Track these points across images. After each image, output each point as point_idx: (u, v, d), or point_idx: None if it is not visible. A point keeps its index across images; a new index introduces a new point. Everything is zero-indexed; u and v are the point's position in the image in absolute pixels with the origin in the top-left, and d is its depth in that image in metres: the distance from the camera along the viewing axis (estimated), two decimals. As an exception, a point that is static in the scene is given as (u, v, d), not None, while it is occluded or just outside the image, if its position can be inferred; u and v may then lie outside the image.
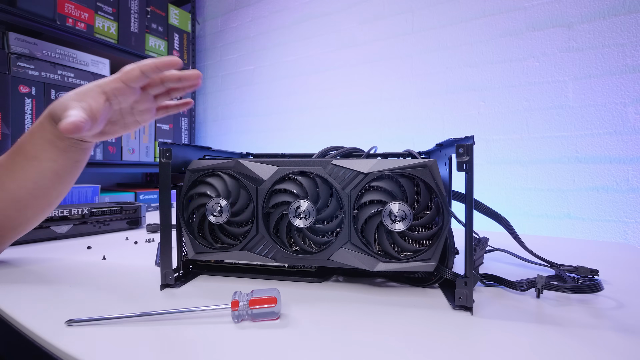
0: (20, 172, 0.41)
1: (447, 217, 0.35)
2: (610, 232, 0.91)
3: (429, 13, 1.18)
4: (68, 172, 0.44)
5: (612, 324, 0.30)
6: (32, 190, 0.42)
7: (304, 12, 1.47)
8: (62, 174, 0.43)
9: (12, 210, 0.43)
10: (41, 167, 0.41)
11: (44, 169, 0.42)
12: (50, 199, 0.45)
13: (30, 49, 1.16)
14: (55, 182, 0.43)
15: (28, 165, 0.41)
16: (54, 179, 0.43)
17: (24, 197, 0.42)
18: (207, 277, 0.44)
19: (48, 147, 0.41)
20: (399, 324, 0.30)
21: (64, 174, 0.43)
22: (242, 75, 1.67)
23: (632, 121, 0.88)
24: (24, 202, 0.43)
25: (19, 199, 0.42)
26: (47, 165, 0.42)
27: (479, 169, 1.08)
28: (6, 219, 0.43)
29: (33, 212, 0.45)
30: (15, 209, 0.43)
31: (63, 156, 0.42)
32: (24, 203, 0.43)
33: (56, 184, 0.43)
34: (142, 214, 0.80)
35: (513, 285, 0.38)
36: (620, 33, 0.90)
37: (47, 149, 0.41)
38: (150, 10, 1.55)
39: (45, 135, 0.41)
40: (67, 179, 0.44)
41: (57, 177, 0.43)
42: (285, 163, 0.39)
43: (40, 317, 0.31)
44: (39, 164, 0.41)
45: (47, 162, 0.41)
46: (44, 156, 0.41)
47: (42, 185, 0.42)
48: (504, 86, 1.05)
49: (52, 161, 0.42)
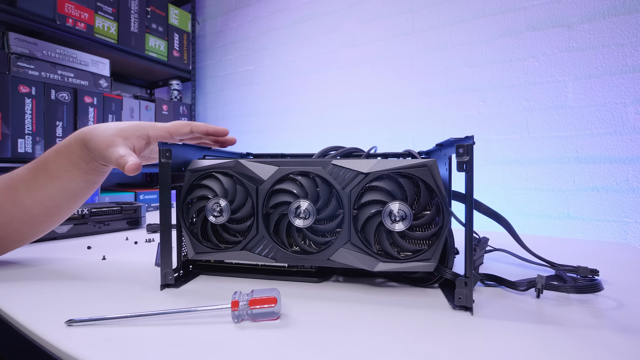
0: (39, 189, 0.42)
1: (447, 217, 0.35)
2: (610, 232, 0.91)
3: (429, 13, 1.18)
4: (84, 192, 0.45)
5: (612, 324, 0.30)
6: (47, 208, 0.43)
7: (304, 12, 1.47)
8: (79, 194, 0.44)
9: (23, 225, 0.43)
10: (61, 186, 0.42)
11: (63, 189, 0.42)
12: (61, 216, 0.46)
13: (30, 49, 1.16)
14: (70, 202, 0.44)
15: (49, 183, 0.42)
16: (70, 198, 0.44)
17: (38, 214, 0.43)
18: (207, 277, 0.44)
19: (72, 168, 0.42)
20: (399, 324, 0.30)
21: (81, 194, 0.45)
22: (242, 75, 1.67)
23: (632, 121, 0.88)
24: (37, 219, 0.43)
25: (33, 215, 0.43)
26: (67, 185, 0.42)
27: (479, 169, 1.08)
28: (17, 232, 0.44)
29: (43, 227, 0.46)
30: (27, 224, 0.43)
31: (84, 178, 0.43)
32: (37, 219, 0.44)
33: (70, 203, 0.44)
34: (142, 214, 0.80)
35: (513, 285, 0.38)
36: (620, 33, 0.90)
37: (70, 170, 0.42)
38: (150, 10, 1.55)
39: (71, 157, 0.42)
40: (81, 197, 0.45)
41: (74, 197, 0.44)
42: (285, 163, 0.39)
43: (40, 317, 0.31)
44: (60, 183, 0.42)
45: (67, 182, 0.42)
46: (66, 176, 0.42)
47: (58, 203, 0.43)
48: (504, 86, 1.05)
49: (72, 182, 0.43)
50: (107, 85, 1.40)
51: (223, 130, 0.46)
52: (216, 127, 0.45)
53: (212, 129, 0.45)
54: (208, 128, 0.45)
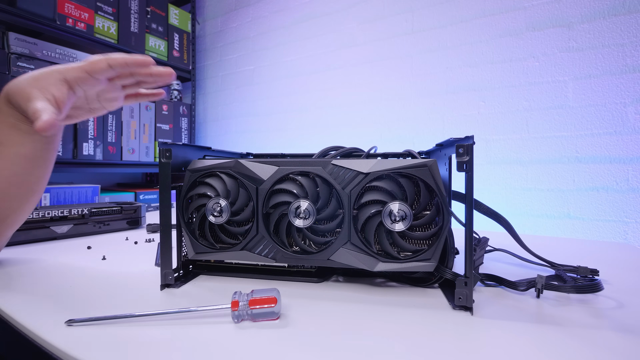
0: None
1: (447, 217, 0.35)
2: (610, 232, 0.91)
3: (429, 13, 1.18)
4: (40, 155, 0.42)
5: (612, 324, 0.30)
6: (7, 178, 0.41)
7: (304, 12, 1.47)
8: (34, 158, 0.42)
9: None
10: (9, 153, 0.40)
11: (13, 155, 0.40)
12: (30, 185, 0.43)
13: (30, 49, 1.16)
14: (28, 167, 0.42)
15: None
16: (26, 164, 0.41)
17: (0, 186, 0.41)
18: (207, 277, 0.44)
19: (12, 131, 0.40)
20: (399, 323, 0.30)
21: (36, 158, 0.42)
22: (242, 75, 1.67)
23: (632, 121, 0.88)
24: (2, 192, 0.41)
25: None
26: (15, 150, 0.40)
27: (479, 169, 1.08)
28: None
29: (17, 202, 0.43)
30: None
31: (29, 139, 0.41)
32: (4, 193, 0.41)
33: (31, 169, 0.42)
34: (142, 214, 0.80)
35: (513, 285, 0.38)
36: (620, 33, 0.90)
37: (10, 133, 0.40)
38: (150, 10, 1.55)
39: (6, 119, 0.39)
40: (40, 162, 0.43)
41: (30, 162, 0.42)
42: (285, 163, 0.39)
43: (40, 317, 0.31)
44: (6, 150, 0.40)
45: (14, 147, 0.40)
46: (9, 141, 0.40)
47: (15, 172, 0.41)
48: (504, 86, 1.05)
49: (19, 145, 0.40)
50: (107, 85, 1.40)
51: (145, 60, 0.41)
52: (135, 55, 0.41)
53: (131, 59, 0.41)
54: (126, 59, 0.41)
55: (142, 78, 0.44)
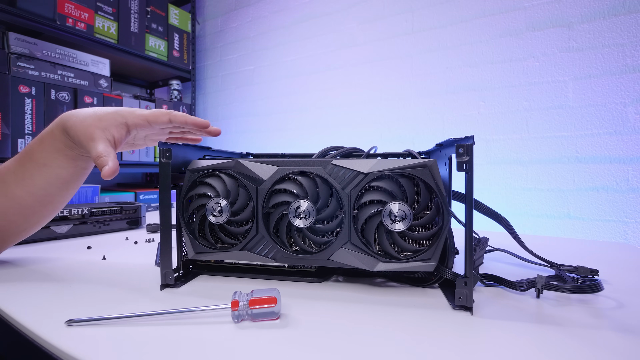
0: (28, 179, 0.42)
1: (447, 217, 0.35)
2: (610, 232, 0.91)
3: (429, 13, 1.18)
4: (75, 179, 0.45)
5: (612, 324, 0.30)
6: (39, 197, 0.43)
7: (304, 12, 1.47)
8: (69, 181, 0.44)
9: (17, 216, 0.43)
10: (50, 174, 0.42)
11: (52, 176, 0.42)
12: (55, 205, 0.45)
13: (30, 49, 1.16)
14: (62, 189, 0.44)
15: (37, 172, 0.42)
16: (61, 186, 0.43)
17: (30, 204, 0.43)
18: (207, 277, 0.44)
19: (58, 155, 0.42)
20: (399, 323, 0.30)
21: (71, 181, 0.44)
22: (242, 75, 1.67)
23: (632, 121, 0.88)
24: (30, 209, 0.43)
25: (26, 205, 0.43)
26: (56, 172, 0.42)
27: (479, 169, 1.08)
28: (11, 224, 0.44)
29: (38, 218, 0.45)
30: (21, 215, 0.43)
31: (72, 164, 0.43)
32: (31, 210, 0.43)
33: (63, 191, 0.44)
34: (142, 214, 0.80)
35: (513, 285, 0.38)
36: (620, 33, 0.90)
37: (56, 157, 0.42)
38: (150, 10, 1.55)
39: (55, 144, 0.41)
40: (73, 185, 0.45)
41: (64, 184, 0.44)
42: (285, 163, 0.39)
43: (40, 317, 0.31)
44: (48, 171, 0.42)
45: (55, 170, 0.42)
46: (53, 164, 0.42)
47: (49, 192, 0.43)
48: (504, 86, 1.05)
49: (60, 169, 0.42)
50: (107, 85, 1.40)
51: (203, 123, 0.45)
52: (196, 118, 0.44)
53: (192, 121, 0.44)
54: (187, 118, 0.43)
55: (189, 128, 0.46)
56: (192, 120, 0.44)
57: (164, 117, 0.42)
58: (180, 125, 0.44)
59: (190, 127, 0.44)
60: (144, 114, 0.42)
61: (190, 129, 0.45)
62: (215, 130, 0.47)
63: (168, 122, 0.43)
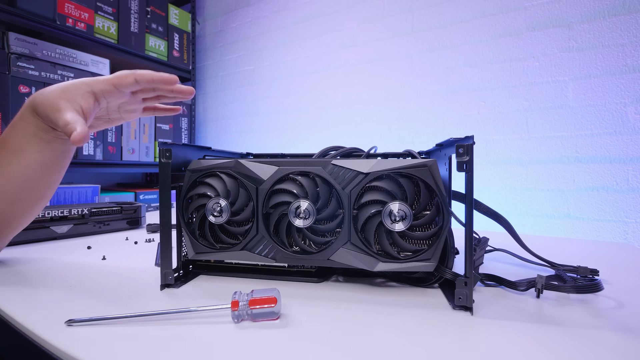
0: (6, 166, 0.41)
1: (447, 217, 0.35)
2: (610, 232, 0.91)
3: (429, 13, 1.18)
4: (56, 162, 0.44)
5: (612, 324, 0.30)
6: (20, 183, 0.42)
7: (304, 12, 1.47)
8: (50, 165, 0.43)
9: (2, 205, 0.42)
10: (27, 159, 0.41)
11: (31, 162, 0.41)
12: (41, 191, 0.44)
13: (30, 49, 1.16)
14: (43, 174, 0.43)
15: (14, 158, 0.41)
16: (41, 170, 0.43)
17: (12, 191, 0.42)
18: (207, 277, 0.44)
19: (32, 139, 0.41)
20: (399, 323, 0.30)
21: (52, 165, 0.43)
22: (242, 75, 1.67)
23: (632, 121, 0.88)
24: (14, 196, 0.42)
25: (8, 193, 0.42)
26: (34, 157, 0.41)
27: (479, 169, 1.08)
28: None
29: (25, 206, 0.44)
30: (5, 203, 0.42)
31: (49, 147, 0.42)
32: (15, 197, 0.42)
33: (44, 176, 0.43)
34: (142, 214, 0.80)
35: (513, 285, 0.38)
36: (620, 33, 0.90)
37: (31, 141, 0.41)
38: (150, 10, 1.55)
39: (28, 127, 0.41)
40: (55, 169, 0.44)
41: (45, 169, 0.43)
42: (285, 163, 0.39)
43: (40, 317, 0.31)
44: (25, 156, 0.41)
45: (33, 154, 0.41)
46: (29, 148, 0.41)
47: (30, 177, 0.42)
48: (504, 86, 1.05)
49: (38, 153, 0.41)
50: (107, 85, 1.40)
51: (170, 78, 0.43)
52: (162, 74, 0.43)
53: (158, 77, 0.42)
54: (153, 75, 0.42)
55: (163, 93, 0.46)
56: (159, 76, 0.42)
57: (128, 78, 0.41)
58: (148, 85, 0.43)
59: (159, 83, 0.43)
60: (108, 78, 0.42)
61: (159, 87, 0.44)
62: (188, 89, 0.46)
63: (134, 83, 0.42)
